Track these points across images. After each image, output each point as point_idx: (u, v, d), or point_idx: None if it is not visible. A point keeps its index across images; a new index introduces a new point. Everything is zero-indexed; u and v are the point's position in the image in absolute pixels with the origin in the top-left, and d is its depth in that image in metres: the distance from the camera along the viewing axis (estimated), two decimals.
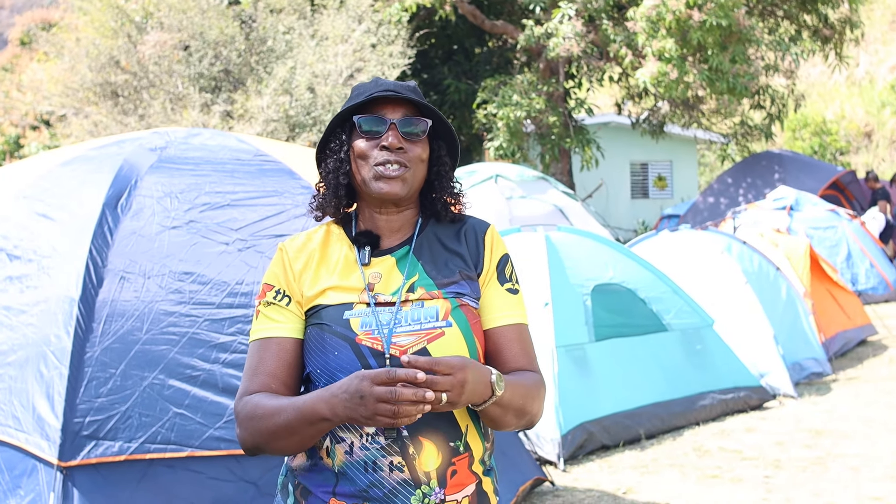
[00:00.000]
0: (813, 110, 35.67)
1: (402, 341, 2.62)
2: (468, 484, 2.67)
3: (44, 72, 22.99)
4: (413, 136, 2.74)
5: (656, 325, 9.30)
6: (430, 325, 2.64)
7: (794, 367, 10.76)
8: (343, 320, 2.64)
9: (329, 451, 2.62)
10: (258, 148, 5.83)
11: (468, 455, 2.66)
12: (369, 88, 2.78)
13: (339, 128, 2.82)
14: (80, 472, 4.51)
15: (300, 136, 18.45)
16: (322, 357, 2.64)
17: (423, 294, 2.69)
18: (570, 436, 8.03)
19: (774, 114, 21.81)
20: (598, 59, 21.07)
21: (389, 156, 2.70)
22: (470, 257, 2.79)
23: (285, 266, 2.76)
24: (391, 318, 2.64)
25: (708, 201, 23.12)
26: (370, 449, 2.58)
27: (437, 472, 2.60)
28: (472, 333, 2.68)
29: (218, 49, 19.36)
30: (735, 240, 11.54)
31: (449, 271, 2.74)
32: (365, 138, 2.74)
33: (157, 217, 5.08)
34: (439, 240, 2.81)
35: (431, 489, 2.60)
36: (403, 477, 2.57)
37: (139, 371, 4.63)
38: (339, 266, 2.74)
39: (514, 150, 20.87)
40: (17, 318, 4.86)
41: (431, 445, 2.59)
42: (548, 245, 9.06)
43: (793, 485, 7.44)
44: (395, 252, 2.77)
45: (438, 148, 2.84)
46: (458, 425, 2.65)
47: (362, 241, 2.76)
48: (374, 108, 2.76)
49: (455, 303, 2.69)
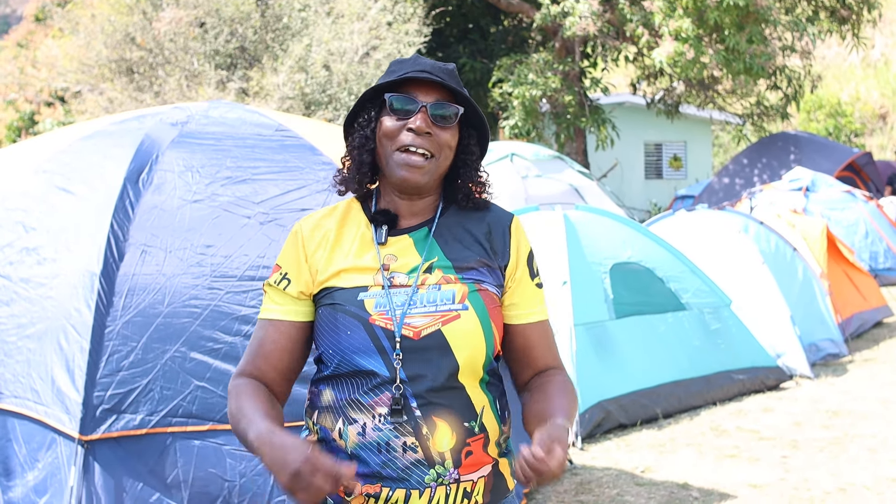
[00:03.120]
0: (828, 92, 35.56)
1: (416, 322, 2.60)
2: (484, 465, 2.66)
3: (59, 48, 22.96)
4: (442, 122, 2.68)
5: (674, 305, 9.28)
6: (445, 307, 2.62)
7: (810, 347, 10.74)
8: (357, 301, 2.62)
9: (342, 433, 2.61)
10: (279, 122, 5.80)
11: (484, 436, 2.65)
12: (406, 66, 2.72)
13: (369, 102, 2.76)
14: (101, 446, 4.50)
15: (315, 114, 18.41)
16: (334, 337, 2.62)
17: (440, 277, 2.66)
18: (588, 414, 8.03)
19: (791, 95, 21.71)
20: (615, 39, 20.98)
21: (416, 139, 2.64)
22: (492, 247, 2.74)
23: (298, 246, 2.73)
24: (406, 299, 2.62)
25: (723, 182, 23.04)
26: (383, 430, 2.57)
27: (451, 452, 2.59)
28: (490, 319, 2.66)
29: (234, 26, 19.32)
30: (752, 220, 11.49)
31: (468, 257, 2.71)
32: (394, 117, 2.68)
33: (179, 191, 5.06)
34: (461, 225, 2.77)
35: (446, 469, 2.59)
36: (417, 457, 2.57)
37: (160, 344, 4.62)
38: (354, 245, 2.71)
39: (530, 130, 20.81)
40: (35, 290, 4.85)
41: (445, 426, 2.58)
42: (566, 224, 9.04)
43: (810, 465, 7.43)
44: (414, 233, 2.73)
45: (468, 136, 2.78)
46: (474, 406, 2.64)
47: (380, 219, 2.72)
48: (408, 87, 2.70)
49: (473, 287, 2.66)
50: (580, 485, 7.00)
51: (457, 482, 2.60)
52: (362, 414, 2.58)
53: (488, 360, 2.67)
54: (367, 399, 2.58)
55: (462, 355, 2.60)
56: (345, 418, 2.60)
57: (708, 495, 6.81)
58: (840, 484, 6.99)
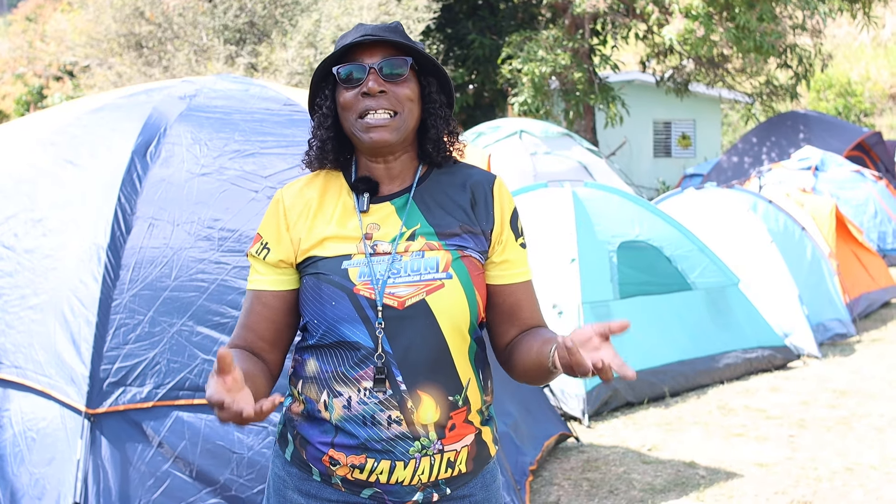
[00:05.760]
0: (838, 71, 35.42)
1: (400, 292, 2.59)
2: (467, 435, 2.67)
3: (68, 22, 22.94)
4: (395, 78, 2.66)
5: (682, 284, 9.26)
6: (429, 276, 2.61)
7: (818, 327, 10.72)
8: (341, 270, 2.61)
9: (327, 405, 2.62)
10: (287, 97, 5.78)
11: (467, 408, 2.66)
12: (350, 36, 2.71)
13: (322, 81, 2.76)
14: (107, 419, 4.50)
15: None
16: (319, 307, 2.62)
17: (423, 244, 2.65)
18: (595, 392, 8.02)
19: (801, 73, 21.63)
20: (625, 16, 20.92)
21: (372, 101, 2.63)
22: (475, 211, 2.73)
23: (279, 216, 2.72)
24: (387, 267, 2.61)
25: (732, 161, 22.99)
26: (368, 403, 2.58)
27: (435, 425, 2.60)
28: (473, 286, 2.65)
29: (243, 1, 19.27)
30: (761, 199, 11.47)
31: (450, 223, 2.69)
32: (346, 88, 2.67)
33: (187, 164, 5.04)
34: (442, 189, 2.76)
35: (430, 441, 2.60)
36: (402, 430, 2.58)
37: (167, 318, 4.62)
38: (336, 213, 2.70)
39: (539, 106, 20.76)
40: (40, 262, 4.84)
41: (430, 399, 2.59)
42: (575, 201, 9.02)
43: (818, 444, 7.42)
44: (395, 200, 2.71)
45: (428, 84, 2.75)
46: (460, 379, 2.65)
47: (361, 187, 2.71)
48: (353, 55, 2.69)
49: (456, 254, 2.65)
50: (587, 462, 7.00)
51: (440, 452, 2.62)
52: (347, 387, 2.59)
53: (472, 328, 2.67)
54: (353, 373, 2.58)
55: (447, 325, 2.60)
56: (329, 390, 2.61)
57: (714, 473, 6.81)
58: (847, 463, 6.98)
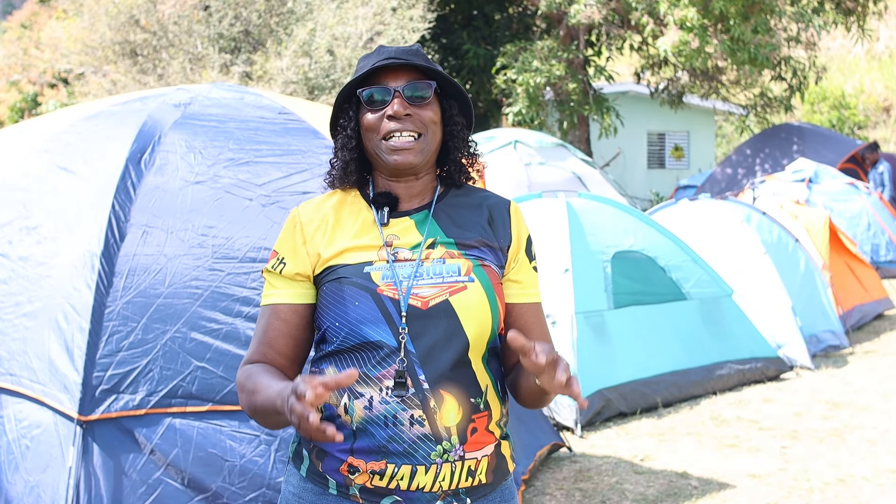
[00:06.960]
0: (832, 84, 35.45)
1: (424, 292, 2.62)
2: (487, 443, 2.67)
3: (62, 29, 22.93)
4: (419, 101, 2.71)
5: (675, 294, 9.28)
6: (452, 278, 2.65)
7: (811, 339, 10.73)
8: (364, 273, 2.63)
9: (347, 409, 2.61)
10: (282, 105, 5.80)
11: (488, 413, 2.67)
12: (371, 59, 2.75)
13: (346, 103, 2.80)
14: (100, 426, 4.51)
15: (319, 99, 18.36)
16: (341, 309, 2.62)
17: (444, 252, 2.69)
18: (588, 402, 8.01)
19: (795, 86, 21.65)
20: (619, 27, 20.91)
21: (397, 125, 2.68)
22: (493, 227, 2.78)
23: (295, 231, 2.74)
24: (412, 271, 2.64)
25: (726, 172, 22.99)
26: (390, 402, 2.57)
27: (457, 427, 2.60)
28: (494, 292, 2.68)
29: (238, 9, 19.26)
30: (754, 210, 11.48)
31: (469, 237, 2.74)
32: (371, 111, 2.71)
33: (181, 172, 5.05)
34: (460, 207, 2.80)
35: (452, 445, 2.60)
36: (424, 431, 2.58)
37: (161, 325, 4.62)
38: (356, 227, 2.72)
39: (533, 117, 20.76)
40: (34, 269, 4.84)
41: (452, 400, 2.60)
42: (569, 211, 9.04)
43: (810, 456, 7.43)
44: (414, 215, 2.75)
45: (450, 108, 2.81)
46: (479, 383, 2.66)
47: (381, 201, 2.74)
48: (378, 78, 2.73)
49: (476, 262, 2.69)
50: (579, 472, 7.00)
51: (461, 459, 2.62)
52: (369, 387, 2.59)
53: (493, 335, 2.69)
54: (375, 372, 2.59)
55: (470, 327, 2.62)
56: (350, 393, 2.60)
57: (707, 484, 6.81)
58: (839, 475, 6.99)
